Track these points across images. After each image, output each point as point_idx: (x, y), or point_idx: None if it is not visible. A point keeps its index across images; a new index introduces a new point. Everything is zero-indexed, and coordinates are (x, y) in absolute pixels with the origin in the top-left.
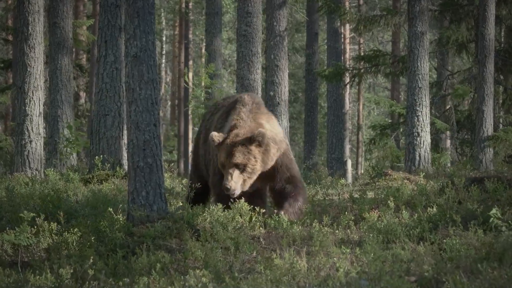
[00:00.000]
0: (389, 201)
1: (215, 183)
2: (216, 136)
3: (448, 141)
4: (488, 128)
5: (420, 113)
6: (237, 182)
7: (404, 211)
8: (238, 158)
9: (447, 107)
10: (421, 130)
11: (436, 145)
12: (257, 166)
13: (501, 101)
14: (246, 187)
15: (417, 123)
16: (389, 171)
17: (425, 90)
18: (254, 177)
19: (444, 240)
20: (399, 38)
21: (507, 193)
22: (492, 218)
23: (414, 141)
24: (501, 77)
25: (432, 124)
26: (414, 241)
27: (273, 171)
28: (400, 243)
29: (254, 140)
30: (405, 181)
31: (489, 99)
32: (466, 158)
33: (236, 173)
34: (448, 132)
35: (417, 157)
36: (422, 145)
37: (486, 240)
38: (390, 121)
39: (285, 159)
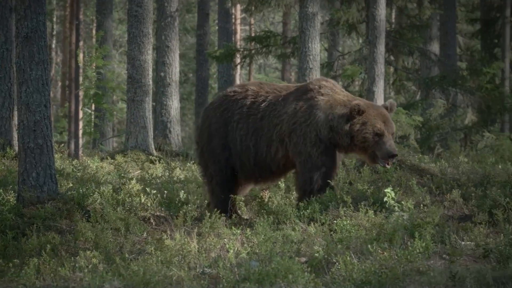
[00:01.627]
0: (279, 182)
1: (317, 175)
2: (363, 106)
3: None
4: None
5: None
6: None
7: (294, 192)
8: (394, 126)
9: None
10: None
11: None
12: None
13: (391, 82)
14: None
15: None
16: None
17: (316, 71)
18: None
19: (335, 221)
20: (290, 19)
21: (397, 174)
22: (385, 198)
23: None
24: (392, 58)
25: None
26: (304, 222)
27: None
28: (291, 224)
29: (391, 109)
30: None
31: (379, 80)
32: None
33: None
34: None
35: None
36: None
37: (376, 221)
38: None
39: None
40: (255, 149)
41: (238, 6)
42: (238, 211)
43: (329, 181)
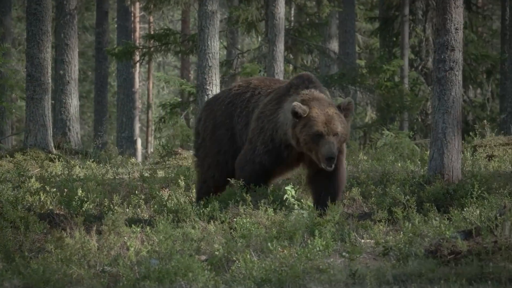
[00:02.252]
0: (179, 180)
1: (251, 161)
2: (302, 107)
3: None
4: None
5: (210, 92)
6: (336, 153)
7: (194, 190)
8: (339, 126)
9: None
10: None
11: None
12: (347, 137)
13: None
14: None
15: None
16: (180, 150)
17: (215, 69)
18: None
19: (235, 219)
20: (190, 17)
21: (297, 172)
22: (286, 195)
23: None
24: (291, 56)
25: None
26: (204, 220)
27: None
28: (191, 222)
29: (345, 108)
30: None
31: (279, 77)
32: None
33: (336, 142)
34: None
35: None
36: None
37: (276, 219)
38: (180, 99)
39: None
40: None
41: (137, 4)
42: None
43: (254, 177)
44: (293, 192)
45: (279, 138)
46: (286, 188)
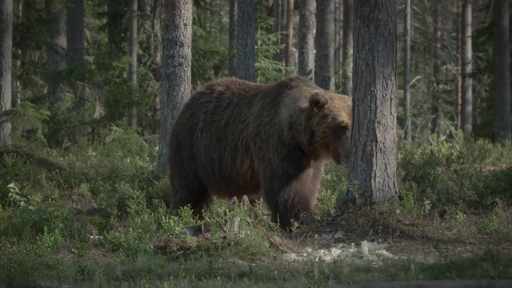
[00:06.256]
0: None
1: (284, 187)
2: (324, 95)
3: None
4: (6, 102)
5: None
6: None
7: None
8: None
9: None
10: None
11: None
12: None
13: (18, 75)
14: None
15: None
16: None
17: None
18: None
19: None
20: None
21: (26, 168)
22: (10, 193)
23: None
24: (19, 51)
25: None
26: None
27: None
28: None
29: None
30: None
31: (7, 73)
32: None
33: None
34: None
35: None
36: None
37: (4, 215)
38: None
39: None
40: (219, 161)
41: None
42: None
43: (298, 190)
44: (17, 189)
45: (286, 138)
46: (8, 186)
